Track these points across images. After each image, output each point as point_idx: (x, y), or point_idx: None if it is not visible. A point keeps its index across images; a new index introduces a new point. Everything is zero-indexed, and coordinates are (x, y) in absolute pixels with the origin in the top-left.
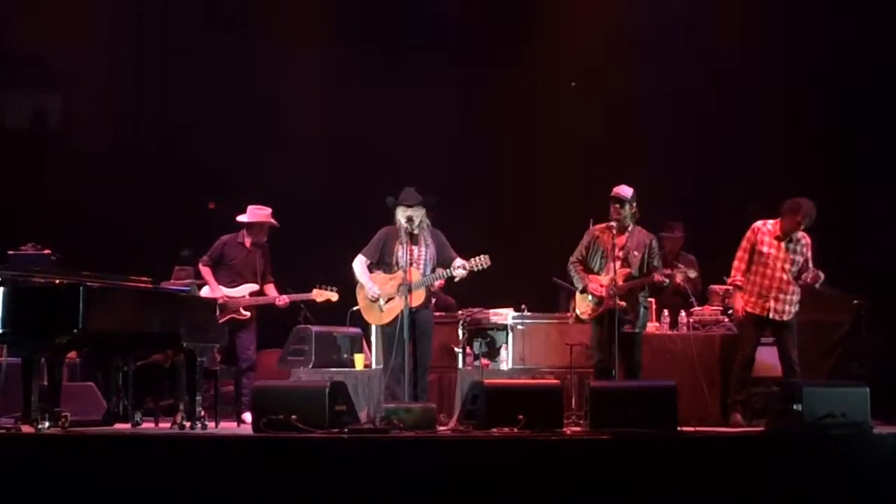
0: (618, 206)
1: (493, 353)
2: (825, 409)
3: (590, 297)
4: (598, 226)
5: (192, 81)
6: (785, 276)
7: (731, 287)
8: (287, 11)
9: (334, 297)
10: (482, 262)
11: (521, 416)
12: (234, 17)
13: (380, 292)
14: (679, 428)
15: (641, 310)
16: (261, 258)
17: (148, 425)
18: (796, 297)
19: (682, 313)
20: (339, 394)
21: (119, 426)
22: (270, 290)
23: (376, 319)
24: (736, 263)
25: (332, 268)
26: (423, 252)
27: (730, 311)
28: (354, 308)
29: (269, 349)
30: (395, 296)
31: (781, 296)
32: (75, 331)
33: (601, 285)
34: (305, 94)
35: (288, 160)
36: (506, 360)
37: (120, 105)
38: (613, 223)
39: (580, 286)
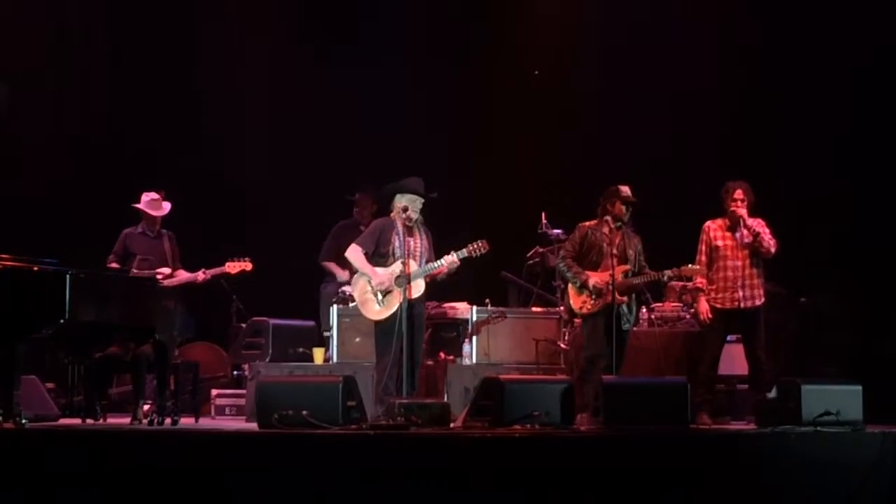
0: (629, 206)
1: (454, 348)
2: (822, 408)
3: (587, 291)
4: (589, 223)
5: (138, 72)
6: (746, 262)
7: (692, 288)
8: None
9: (248, 266)
10: (480, 247)
11: (536, 413)
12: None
13: (391, 278)
14: (692, 425)
15: (634, 307)
16: (168, 244)
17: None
18: (761, 281)
19: (644, 309)
20: (350, 389)
21: (65, 421)
22: (183, 274)
23: (375, 314)
24: (698, 268)
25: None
26: (419, 243)
27: (692, 310)
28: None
29: (196, 342)
30: (394, 288)
31: (747, 282)
32: (62, 321)
33: (604, 280)
34: (255, 84)
35: (237, 152)
36: (469, 355)
37: (65, 93)
38: (612, 223)
39: (577, 281)
